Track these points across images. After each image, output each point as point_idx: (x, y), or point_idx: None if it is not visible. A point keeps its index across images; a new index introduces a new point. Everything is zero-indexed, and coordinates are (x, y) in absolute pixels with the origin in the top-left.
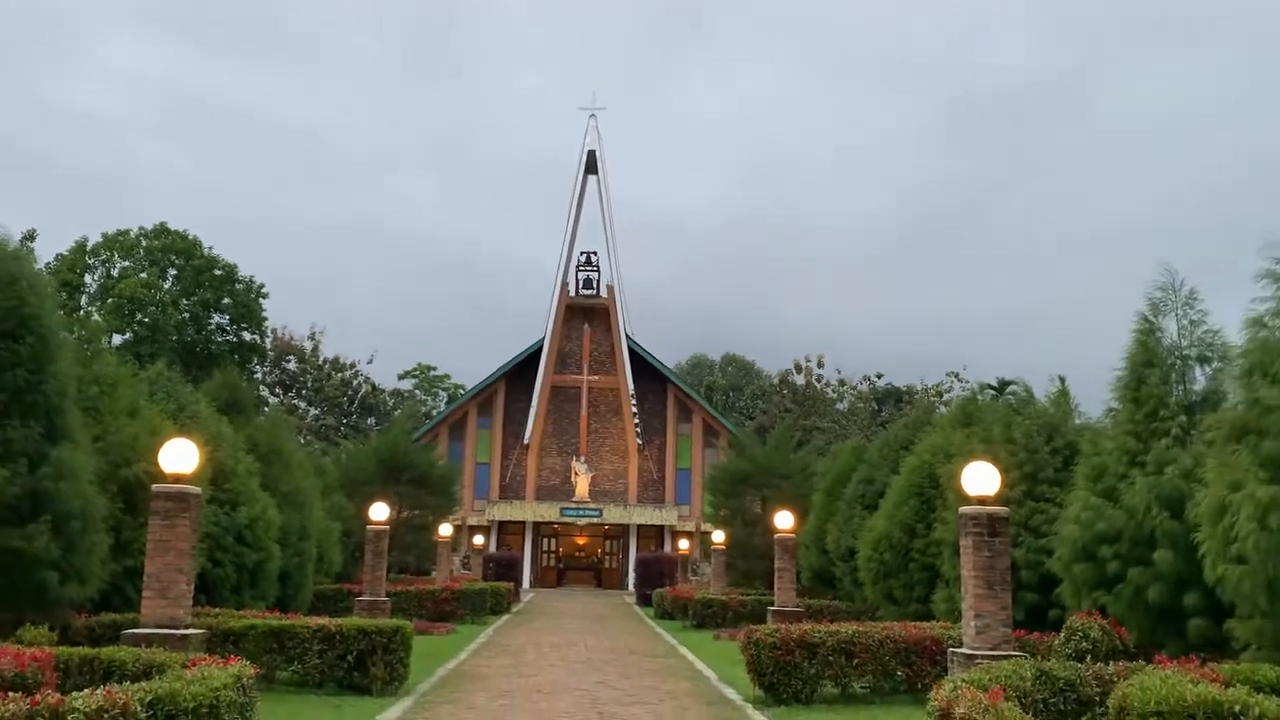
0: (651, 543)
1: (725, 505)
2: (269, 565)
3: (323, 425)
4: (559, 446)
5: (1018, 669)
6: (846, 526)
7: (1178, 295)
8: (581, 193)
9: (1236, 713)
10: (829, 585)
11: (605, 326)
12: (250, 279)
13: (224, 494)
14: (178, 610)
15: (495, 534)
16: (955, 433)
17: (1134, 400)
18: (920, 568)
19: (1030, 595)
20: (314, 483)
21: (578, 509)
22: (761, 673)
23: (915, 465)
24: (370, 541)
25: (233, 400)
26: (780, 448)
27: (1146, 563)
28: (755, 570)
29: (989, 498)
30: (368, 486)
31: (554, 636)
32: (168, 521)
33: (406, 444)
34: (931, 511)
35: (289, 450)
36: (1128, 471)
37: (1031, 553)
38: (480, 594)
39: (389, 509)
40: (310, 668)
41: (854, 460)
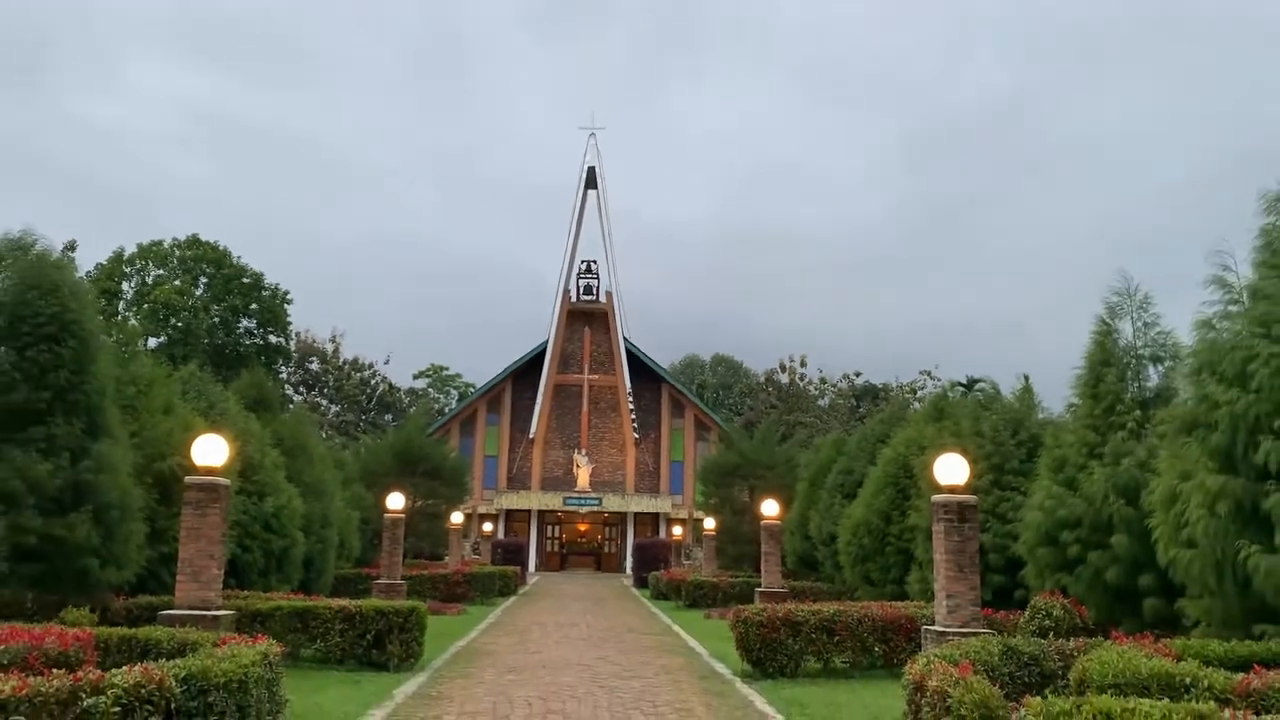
0: (648, 529)
1: (716, 494)
2: (294, 551)
3: (343, 421)
4: (562, 440)
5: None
6: (827, 514)
7: (1133, 300)
8: (582, 206)
9: (1187, 684)
10: (812, 568)
11: (604, 329)
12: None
13: (252, 485)
14: (209, 593)
15: (503, 522)
16: (928, 427)
17: (1093, 396)
18: (896, 552)
19: (997, 577)
20: (335, 474)
21: (579, 498)
22: (749, 649)
23: (891, 457)
24: (387, 529)
25: (260, 398)
26: (766, 441)
27: (1104, 546)
28: (743, 554)
29: (959, 487)
30: (385, 478)
31: (557, 616)
32: (199, 511)
33: (421, 438)
34: (906, 500)
35: (312, 444)
36: (1087, 462)
37: (998, 537)
38: (489, 577)
39: (404, 499)
40: (332, 646)
41: (834, 453)
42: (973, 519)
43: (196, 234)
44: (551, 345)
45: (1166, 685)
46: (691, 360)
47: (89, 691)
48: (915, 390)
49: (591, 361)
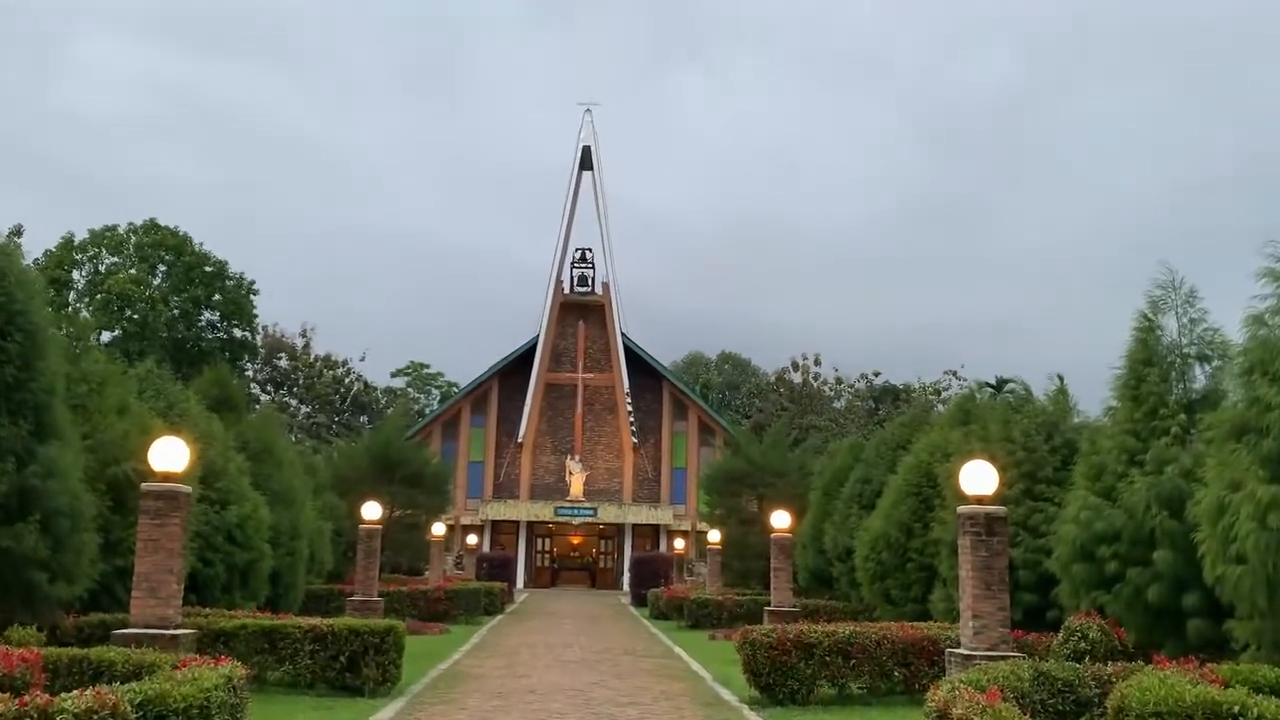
0: (647, 542)
1: (721, 504)
2: (260, 565)
3: (314, 423)
4: (553, 445)
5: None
6: (843, 526)
7: (1177, 293)
8: (576, 189)
9: (1235, 713)
10: (826, 585)
11: (600, 324)
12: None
13: (214, 493)
14: (168, 610)
15: (489, 533)
16: (953, 431)
17: (1133, 399)
18: (917, 568)
19: (1028, 595)
20: (305, 481)
21: (572, 508)
22: (757, 673)
23: (913, 464)
24: (362, 541)
25: (223, 398)
26: (776, 446)
27: (1145, 563)
28: (751, 570)
29: (987, 497)
30: (360, 485)
31: (548, 637)
32: (157, 520)
33: (399, 442)
34: (929, 511)
35: (280, 448)
36: (1127, 470)
37: (1029, 552)
38: (474, 594)
39: (381, 508)
40: (302, 668)
41: (851, 459)
42: (1002, 532)
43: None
44: (543, 341)
45: (1213, 714)
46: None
47: (36, 717)
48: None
49: (586, 358)
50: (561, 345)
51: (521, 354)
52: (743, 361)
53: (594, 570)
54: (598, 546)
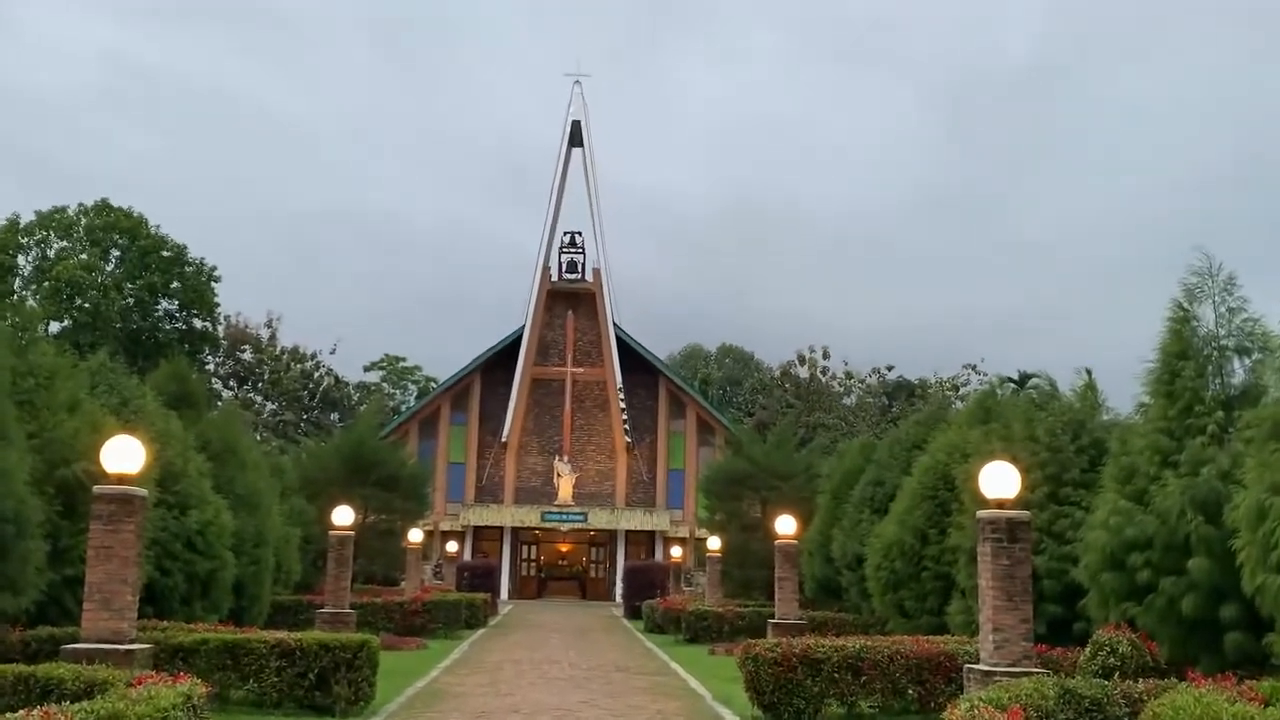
0: (641, 550)
1: (721, 509)
2: (222, 574)
3: (281, 421)
4: (540, 445)
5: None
6: (853, 532)
7: (1214, 281)
8: (565, 167)
9: None
10: (834, 596)
11: (591, 313)
12: (201, 261)
13: (172, 496)
14: (122, 623)
15: (470, 540)
16: (972, 430)
17: (1167, 395)
18: (934, 577)
19: (1053, 607)
20: (271, 484)
21: (560, 513)
22: (760, 691)
23: (929, 466)
24: (333, 548)
25: (182, 393)
26: (782, 446)
27: (1180, 571)
28: (754, 580)
29: (1008, 501)
30: (330, 488)
31: (534, 652)
32: (111, 526)
33: (373, 442)
34: (946, 516)
35: (244, 448)
36: (1160, 472)
37: (1055, 561)
38: (454, 606)
39: (354, 513)
40: (267, 686)
41: (862, 460)
42: (1025, 539)
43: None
44: (528, 331)
45: None
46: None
47: None
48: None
49: (576, 351)
50: (549, 337)
51: (506, 346)
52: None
53: (584, 580)
54: (588, 555)
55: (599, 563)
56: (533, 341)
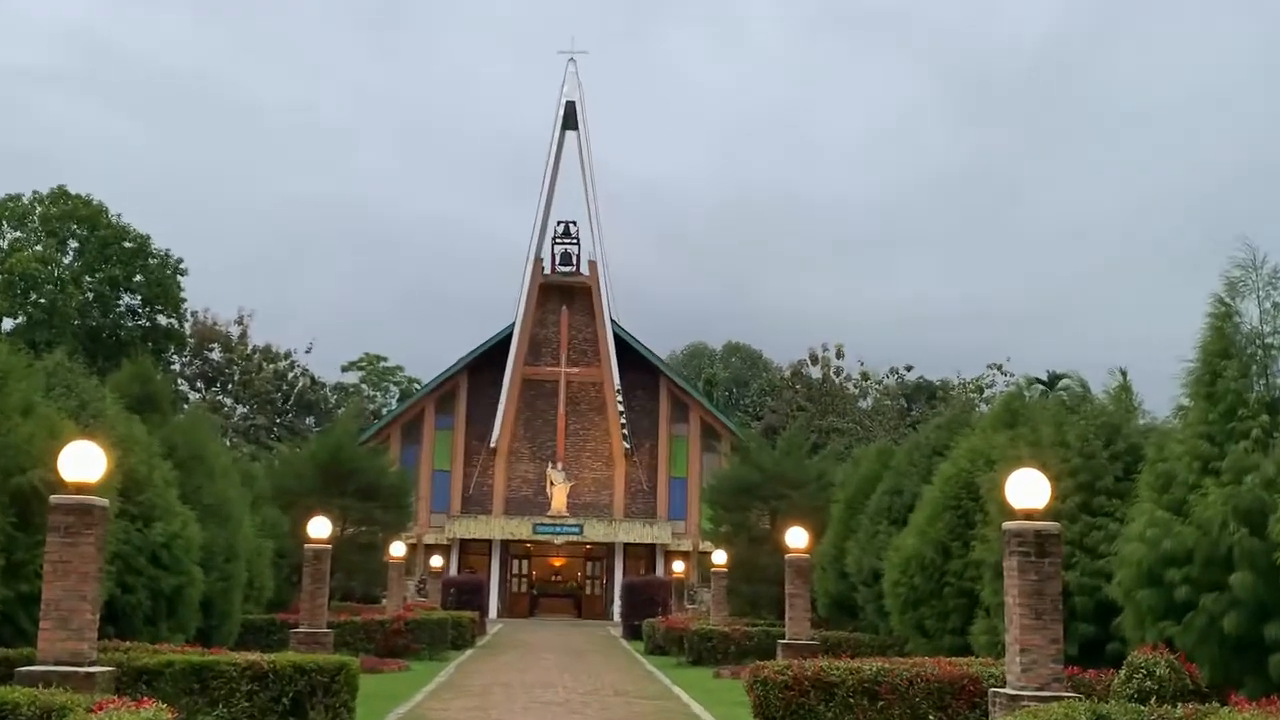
0: (641, 565)
1: (727, 520)
2: (189, 591)
3: (252, 425)
4: (532, 451)
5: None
6: (870, 545)
7: (1259, 274)
8: (558, 151)
9: None
10: (849, 614)
11: (587, 309)
12: (166, 253)
13: (135, 507)
14: (81, 644)
15: (456, 554)
16: (998, 435)
17: (1207, 397)
18: (956, 594)
19: (1085, 626)
20: (242, 494)
21: (554, 525)
22: (770, 717)
23: (951, 473)
24: (309, 563)
25: (146, 396)
26: (792, 452)
27: (1222, 587)
28: (762, 597)
29: (1037, 511)
30: (306, 498)
31: (526, 675)
32: (69, 539)
33: (352, 448)
34: (970, 528)
35: (212, 455)
36: (1200, 480)
37: (1087, 576)
38: (439, 625)
39: (331, 525)
40: (238, 711)
41: (879, 467)
42: (1054, 552)
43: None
44: (519, 329)
45: None
46: (697, 349)
47: None
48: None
49: (570, 350)
50: (541, 334)
51: (494, 345)
52: (752, 354)
53: (579, 597)
54: (584, 570)
55: (595, 578)
56: (524, 339)
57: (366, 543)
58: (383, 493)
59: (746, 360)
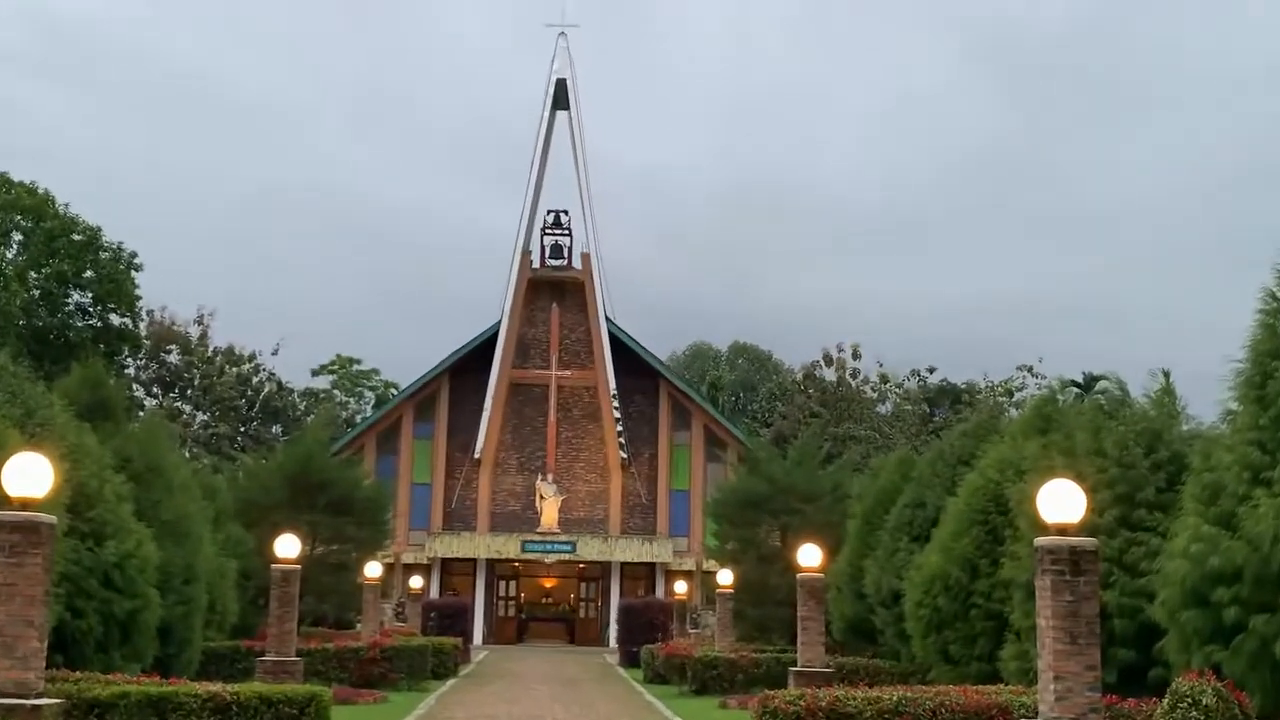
0: (639, 586)
1: (734, 536)
2: (145, 616)
3: (214, 434)
4: (520, 462)
5: None
6: (889, 563)
7: None
8: (548, 134)
9: None
10: (867, 639)
11: (580, 306)
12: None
13: (86, 524)
14: (27, 673)
15: (438, 575)
16: (1029, 442)
17: (1258, 400)
18: (984, 616)
19: (1125, 651)
20: (203, 509)
21: (544, 543)
22: None
23: (978, 484)
24: (276, 585)
25: (97, 402)
26: (805, 462)
27: (1274, 608)
28: (772, 620)
29: (1072, 526)
30: (273, 514)
31: (514, 707)
32: (14, 559)
33: (323, 458)
34: (999, 544)
35: (171, 467)
36: (1250, 491)
37: (1127, 596)
38: (419, 652)
39: (300, 543)
40: None
41: (899, 478)
42: (1091, 570)
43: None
44: (505, 327)
45: None
46: (700, 350)
47: None
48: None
49: (562, 351)
50: (530, 334)
51: (479, 345)
52: (761, 354)
53: (572, 621)
54: (577, 591)
55: (590, 601)
56: (510, 339)
57: (339, 562)
58: (357, 508)
59: (754, 362)
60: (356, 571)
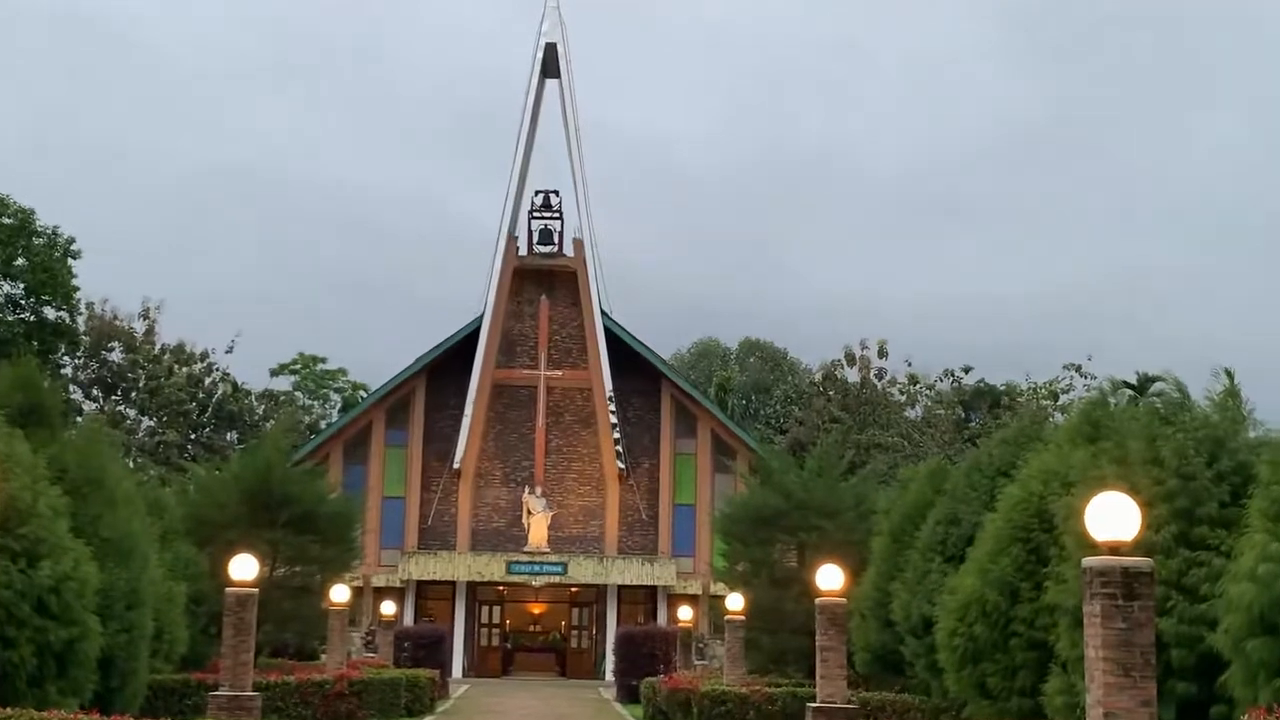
0: (639, 612)
1: (745, 556)
2: (84, 645)
3: (161, 442)
4: (505, 473)
5: None
6: (920, 586)
7: None
8: (536, 103)
9: None
10: (894, 671)
11: (572, 298)
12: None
13: (17, 542)
14: None
15: (412, 600)
16: (1077, 451)
17: None
18: (1025, 646)
19: (1184, 684)
20: (149, 526)
21: (532, 563)
22: None
23: (1019, 498)
24: (231, 610)
25: (30, 406)
26: (825, 473)
27: None
28: (788, 650)
29: (1125, 545)
30: (227, 531)
31: None
32: None
33: (283, 469)
34: (1042, 565)
35: (113, 478)
36: None
37: (1186, 624)
38: (391, 686)
39: (258, 564)
40: None
41: (931, 491)
42: (1146, 594)
43: None
44: (488, 322)
45: None
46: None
47: None
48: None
49: (552, 349)
50: (516, 329)
51: (458, 343)
52: (776, 352)
53: (563, 651)
54: (569, 618)
55: (583, 629)
56: (494, 335)
57: (302, 586)
58: (321, 524)
59: (768, 360)
60: (321, 596)
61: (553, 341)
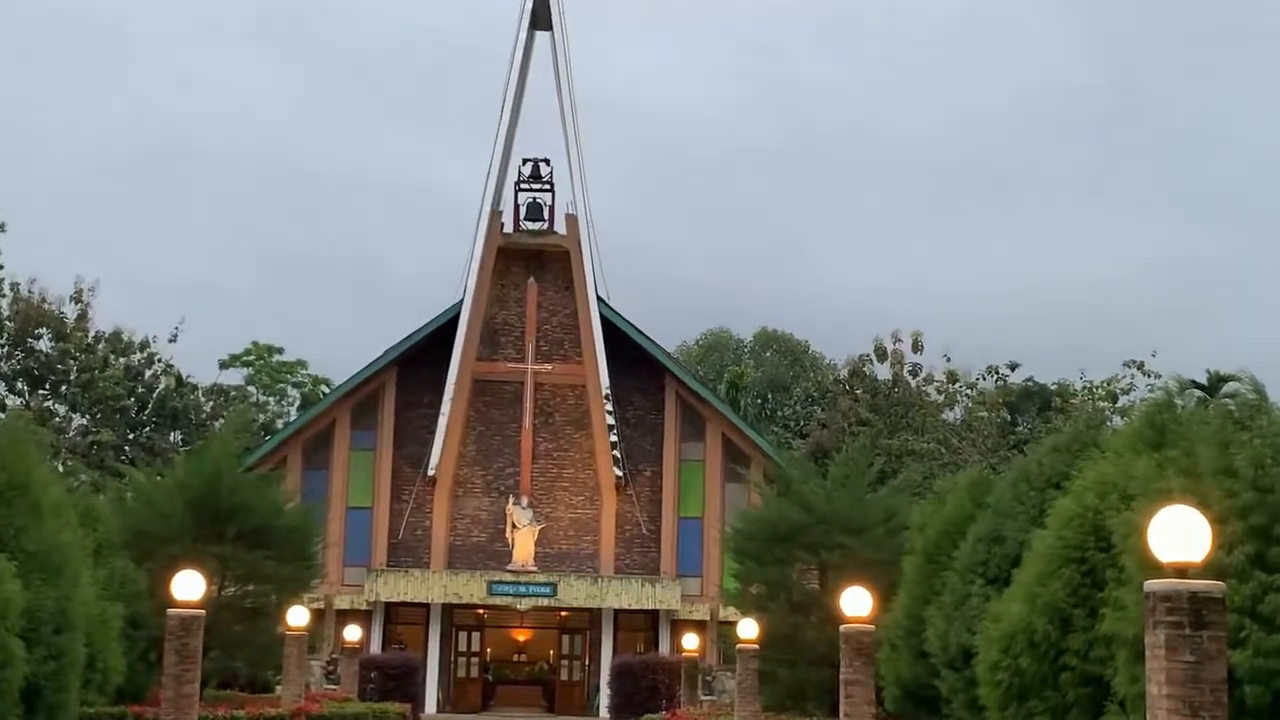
0: (638, 639)
1: (759, 577)
2: (6, 673)
3: (95, 443)
4: (486, 480)
5: None
6: (958, 612)
7: None
8: (524, 63)
9: None
10: (929, 708)
11: (564, 282)
12: None
13: None
14: None
15: (380, 623)
16: (1138, 459)
17: None
18: (1078, 680)
19: None
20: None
21: (516, 584)
22: None
23: (1073, 513)
24: (174, 635)
25: None
26: (850, 483)
27: None
28: (808, 683)
29: (1194, 566)
30: (170, 545)
31: None
32: None
33: (234, 475)
34: (1098, 589)
35: (39, 484)
36: None
37: (1261, 656)
38: None
39: (206, 582)
40: None
41: (971, 504)
42: (1217, 623)
43: None
44: (469, 309)
45: None
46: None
47: None
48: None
49: (541, 340)
50: (500, 317)
51: (434, 332)
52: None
53: (552, 684)
54: (558, 646)
55: (574, 658)
56: (475, 324)
57: (254, 607)
58: (277, 538)
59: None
60: (276, 619)
61: (541, 331)
